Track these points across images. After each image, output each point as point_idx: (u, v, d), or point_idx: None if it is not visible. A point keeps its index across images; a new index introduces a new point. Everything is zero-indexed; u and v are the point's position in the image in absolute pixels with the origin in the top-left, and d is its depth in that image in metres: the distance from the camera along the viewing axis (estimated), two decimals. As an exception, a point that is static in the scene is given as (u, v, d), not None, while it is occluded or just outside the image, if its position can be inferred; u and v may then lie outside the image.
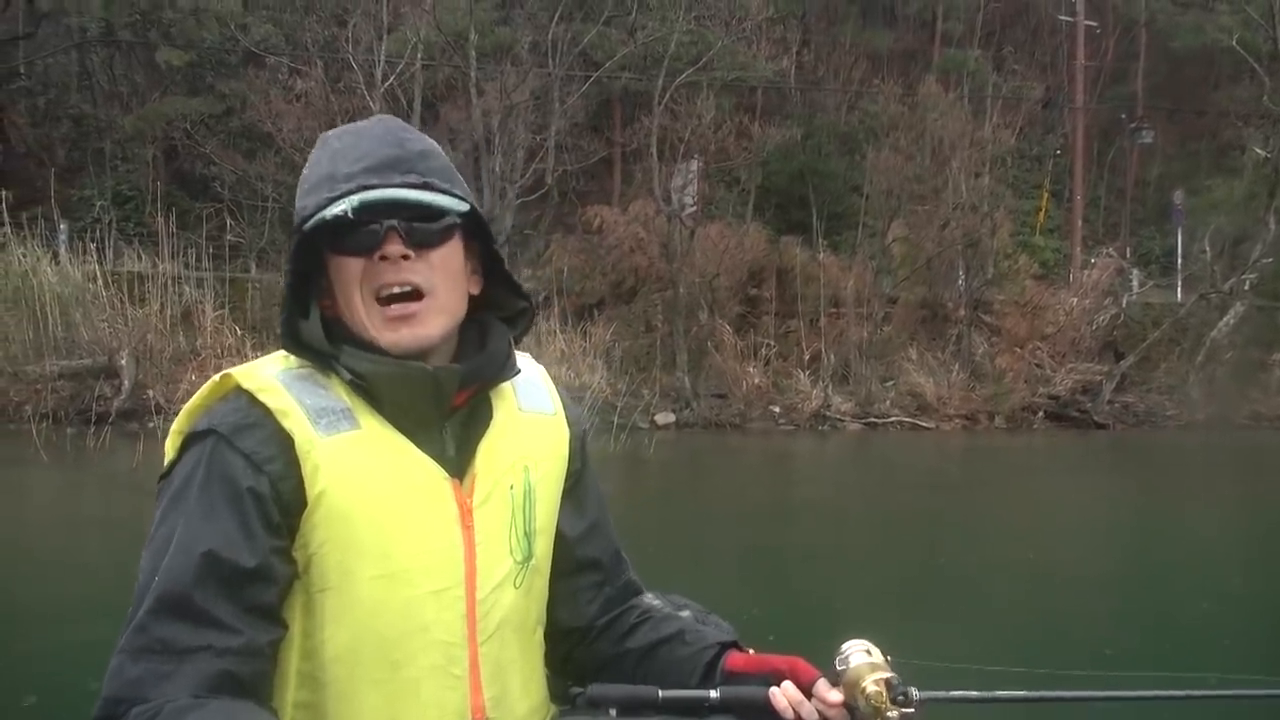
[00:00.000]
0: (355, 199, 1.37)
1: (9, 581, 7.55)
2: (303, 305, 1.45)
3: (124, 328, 18.45)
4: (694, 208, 22.86)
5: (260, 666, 1.33)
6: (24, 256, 18.37)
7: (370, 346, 1.42)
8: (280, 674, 1.38)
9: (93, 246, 19.42)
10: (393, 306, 1.41)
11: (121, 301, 18.80)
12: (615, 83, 25.15)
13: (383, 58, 21.56)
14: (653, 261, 23.05)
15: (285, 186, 23.15)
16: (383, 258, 1.40)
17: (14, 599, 7.04)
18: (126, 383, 17.53)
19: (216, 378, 1.45)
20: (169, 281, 19.54)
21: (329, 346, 1.43)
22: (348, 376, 1.41)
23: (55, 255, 19.40)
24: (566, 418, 1.62)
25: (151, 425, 16.49)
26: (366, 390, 1.42)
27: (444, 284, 1.43)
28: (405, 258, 1.40)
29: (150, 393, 17.54)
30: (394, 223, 1.39)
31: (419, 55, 21.95)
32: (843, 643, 1.47)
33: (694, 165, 23.08)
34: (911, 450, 18.93)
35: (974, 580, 7.83)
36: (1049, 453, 19.40)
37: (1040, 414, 22.54)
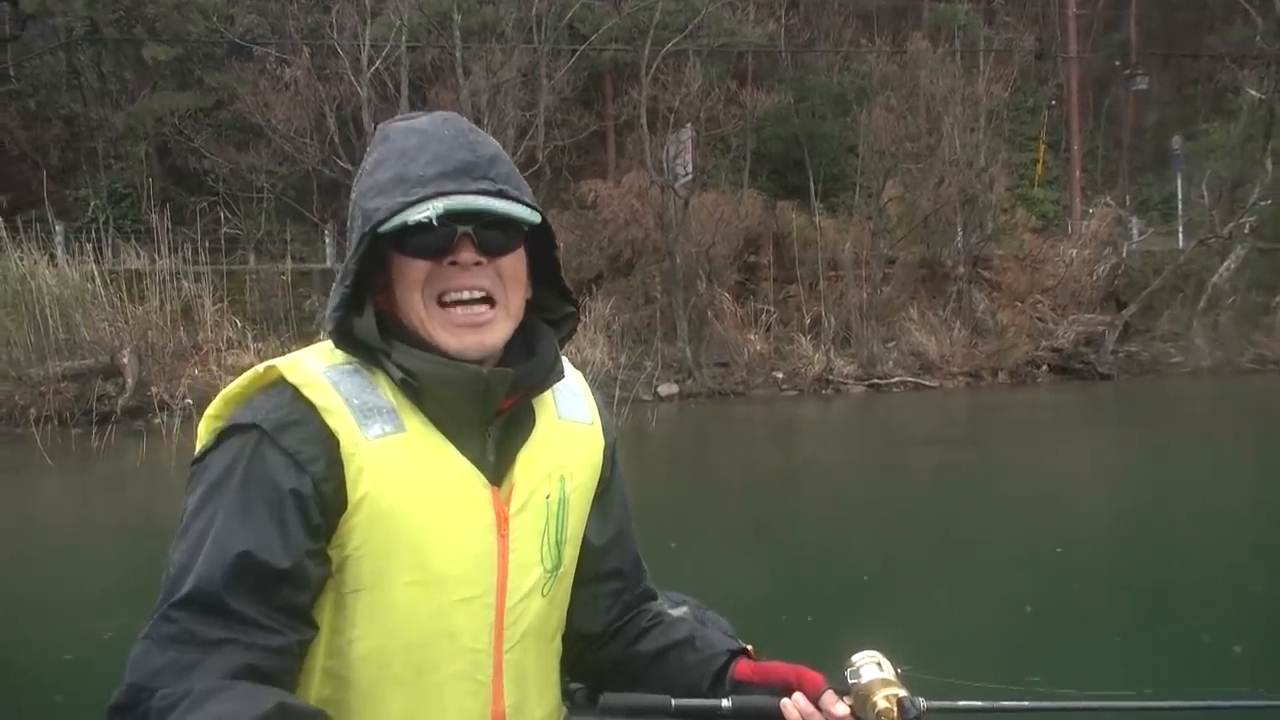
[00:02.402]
0: (440, 205, 1.36)
1: (21, 583, 7.63)
2: (357, 301, 1.43)
3: (125, 326, 18.48)
4: (688, 177, 22.75)
5: (287, 664, 1.32)
6: (21, 260, 18.38)
7: (424, 345, 1.41)
8: (305, 670, 1.38)
9: (90, 246, 19.40)
10: (458, 311, 1.41)
11: (121, 300, 18.80)
12: (604, 55, 25.00)
13: (368, 42, 21.46)
14: (649, 233, 22.97)
15: (278, 177, 23.17)
16: (453, 263, 1.40)
17: (26, 600, 7.13)
18: (130, 381, 17.59)
19: (260, 367, 1.43)
20: (167, 277, 19.55)
21: (381, 343, 1.41)
22: (398, 375, 1.40)
23: (53, 257, 19.43)
24: (602, 426, 1.62)
25: (157, 422, 16.64)
26: (414, 389, 1.40)
27: (511, 291, 1.44)
28: (477, 264, 1.40)
29: (154, 389, 17.62)
30: (468, 229, 1.39)
31: (404, 38, 21.84)
32: (854, 652, 1.48)
33: (686, 134, 22.95)
34: (916, 411, 18.88)
35: (981, 563, 7.62)
36: (1054, 407, 19.27)
37: (1044, 367, 22.45)
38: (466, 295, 1.41)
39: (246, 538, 1.30)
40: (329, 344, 1.45)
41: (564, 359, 1.57)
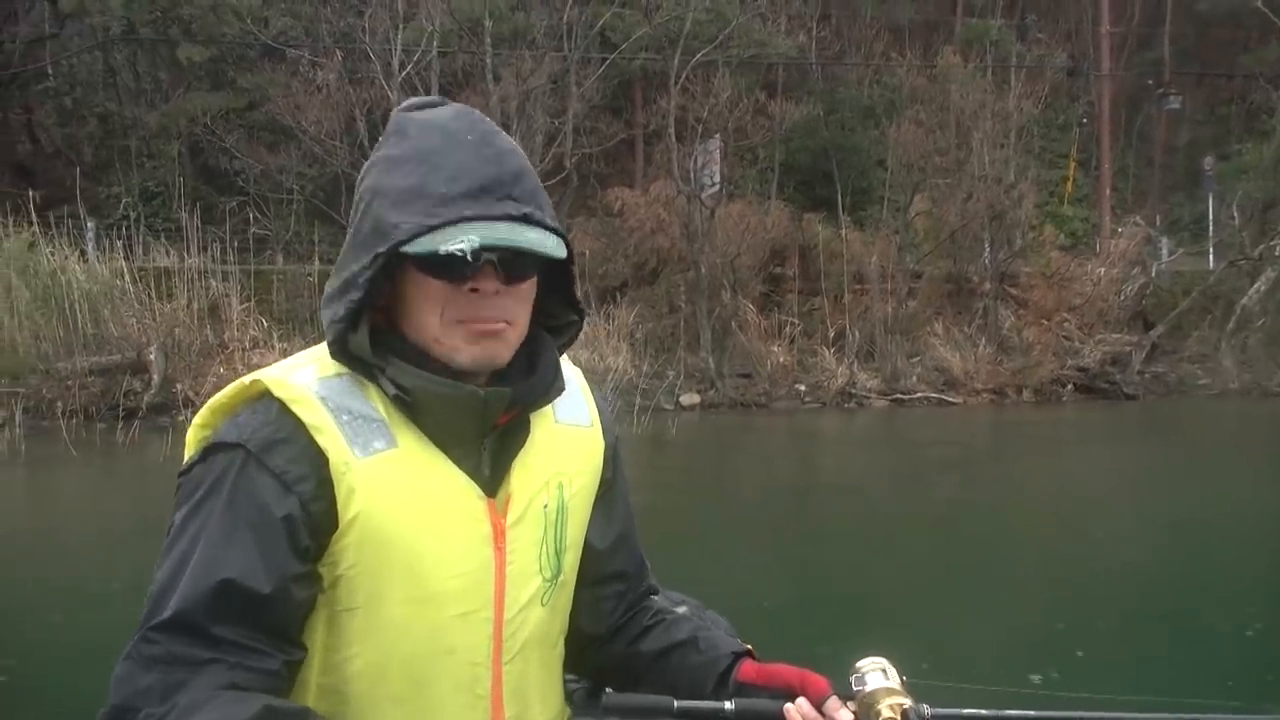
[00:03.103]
0: (475, 239, 1.29)
1: (32, 582, 7.69)
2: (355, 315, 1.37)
3: (152, 323, 18.67)
4: (715, 187, 22.76)
5: (274, 685, 1.29)
6: (52, 255, 18.62)
7: (421, 360, 1.36)
8: (300, 684, 1.36)
9: (120, 243, 19.62)
10: (477, 325, 1.36)
11: (149, 297, 18.98)
12: (633, 64, 25.08)
13: (399, 47, 21.61)
14: (674, 242, 22.97)
15: (308, 179, 23.35)
16: (473, 289, 1.34)
17: (44, 592, 7.20)
18: (156, 377, 17.75)
19: (246, 380, 1.38)
20: (196, 276, 19.73)
21: (375, 359, 1.36)
22: (392, 391, 1.35)
23: (83, 253, 19.66)
24: (602, 427, 1.57)
25: (181, 419, 16.76)
26: (408, 404, 1.36)
27: (525, 313, 1.40)
28: (497, 292, 1.35)
29: (179, 386, 17.79)
30: (493, 259, 1.32)
31: (435, 43, 21.99)
32: (859, 659, 1.46)
33: (714, 144, 22.96)
34: (938, 426, 18.77)
35: (993, 574, 7.60)
36: (1079, 426, 19.11)
37: (1069, 386, 22.27)
38: (489, 328, 1.36)
39: (230, 564, 1.27)
40: (321, 349, 1.40)
41: (564, 359, 1.52)
